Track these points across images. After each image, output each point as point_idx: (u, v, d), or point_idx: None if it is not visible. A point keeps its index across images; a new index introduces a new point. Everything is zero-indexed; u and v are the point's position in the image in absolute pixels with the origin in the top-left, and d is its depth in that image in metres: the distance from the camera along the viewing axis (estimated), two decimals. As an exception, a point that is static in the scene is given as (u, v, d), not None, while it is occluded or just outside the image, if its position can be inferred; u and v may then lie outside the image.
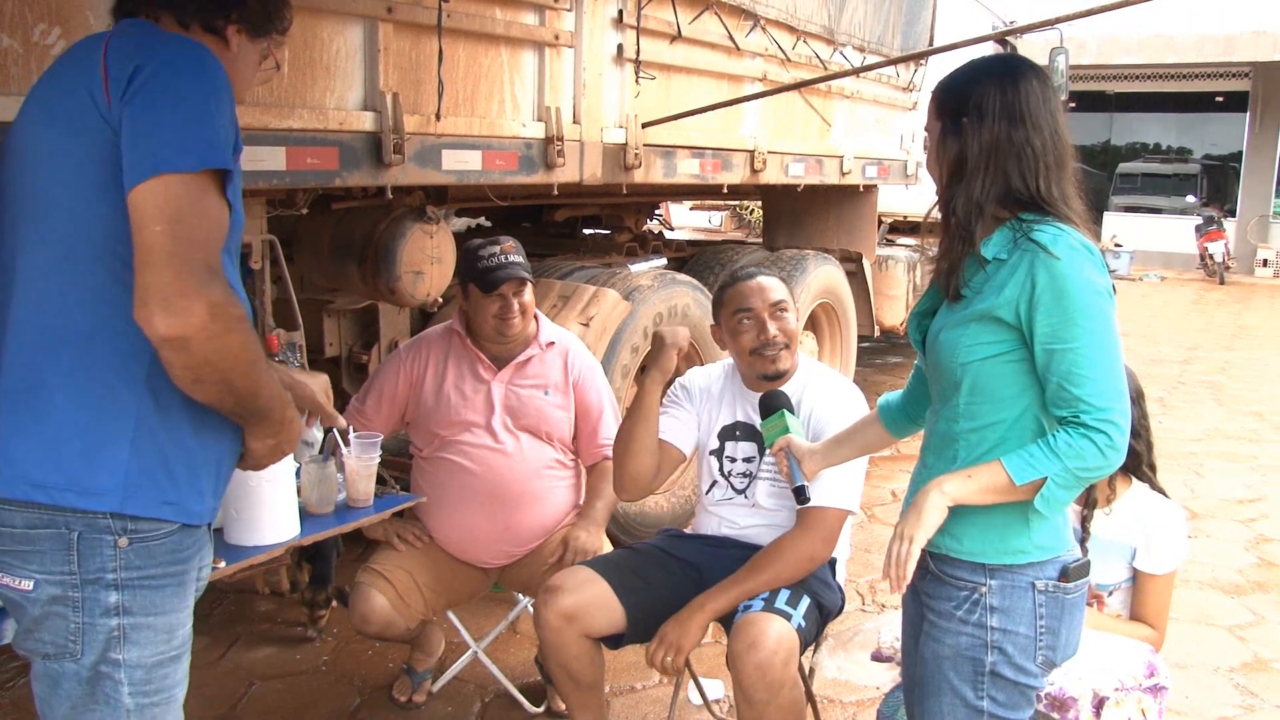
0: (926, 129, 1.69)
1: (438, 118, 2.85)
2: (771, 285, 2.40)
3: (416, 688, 2.88)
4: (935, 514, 1.57)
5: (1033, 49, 9.22)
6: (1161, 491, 2.22)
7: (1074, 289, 1.50)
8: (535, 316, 2.75)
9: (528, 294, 2.66)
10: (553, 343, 2.75)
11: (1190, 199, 17.82)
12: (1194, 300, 13.81)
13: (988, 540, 1.61)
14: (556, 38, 3.27)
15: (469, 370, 2.69)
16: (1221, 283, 15.70)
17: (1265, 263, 17.00)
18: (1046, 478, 1.51)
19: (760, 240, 6.50)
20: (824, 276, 5.31)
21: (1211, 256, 15.94)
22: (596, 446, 2.76)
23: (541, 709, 2.85)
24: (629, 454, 2.31)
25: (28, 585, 1.37)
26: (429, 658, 2.90)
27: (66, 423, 1.36)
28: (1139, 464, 2.19)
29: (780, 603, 2.19)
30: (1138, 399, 2.06)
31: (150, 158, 1.31)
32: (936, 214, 1.68)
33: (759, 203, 7.98)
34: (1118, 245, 16.48)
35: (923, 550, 1.67)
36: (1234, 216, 17.75)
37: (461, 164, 2.98)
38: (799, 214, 5.96)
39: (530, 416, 2.67)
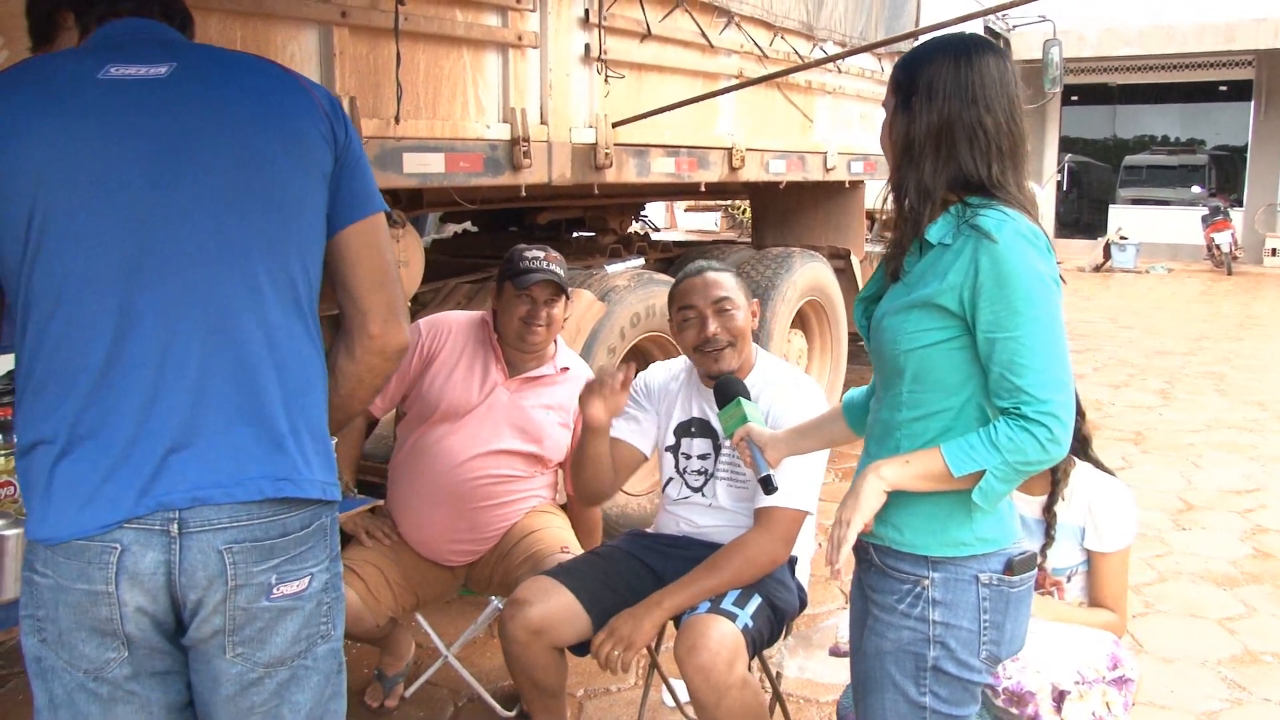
0: (884, 104, 1.63)
1: (396, 120, 2.83)
2: (718, 280, 2.33)
3: (388, 693, 2.86)
4: (872, 497, 1.54)
5: (1028, 42, 9.14)
6: (1107, 471, 2.19)
7: (1017, 276, 1.46)
8: (555, 340, 2.75)
9: (558, 308, 2.66)
10: (567, 369, 2.75)
11: (1196, 190, 17.68)
12: (1201, 291, 13.69)
13: (929, 531, 1.57)
14: (520, 38, 3.25)
15: (483, 363, 2.68)
16: (1229, 273, 15.55)
17: (1274, 252, 16.83)
18: (985, 470, 1.48)
19: (750, 239, 6.47)
20: (811, 274, 5.27)
21: (1218, 247, 15.77)
22: None
23: (514, 713, 2.82)
24: (579, 464, 2.35)
25: (303, 584, 1.40)
26: (399, 661, 2.88)
27: (322, 426, 1.46)
28: (1085, 446, 2.16)
29: (726, 603, 2.15)
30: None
31: (373, 194, 1.50)
32: (890, 205, 1.63)
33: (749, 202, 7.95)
34: (1123, 238, 16.35)
35: (867, 543, 1.65)
36: (1241, 206, 17.61)
37: (423, 167, 2.95)
38: (786, 212, 5.93)
39: (528, 429, 2.66)
